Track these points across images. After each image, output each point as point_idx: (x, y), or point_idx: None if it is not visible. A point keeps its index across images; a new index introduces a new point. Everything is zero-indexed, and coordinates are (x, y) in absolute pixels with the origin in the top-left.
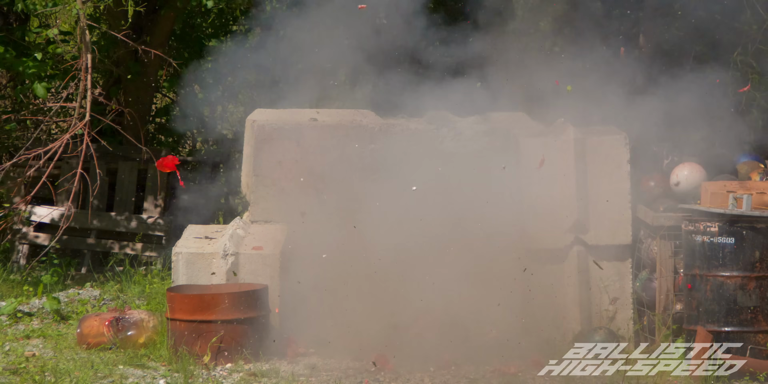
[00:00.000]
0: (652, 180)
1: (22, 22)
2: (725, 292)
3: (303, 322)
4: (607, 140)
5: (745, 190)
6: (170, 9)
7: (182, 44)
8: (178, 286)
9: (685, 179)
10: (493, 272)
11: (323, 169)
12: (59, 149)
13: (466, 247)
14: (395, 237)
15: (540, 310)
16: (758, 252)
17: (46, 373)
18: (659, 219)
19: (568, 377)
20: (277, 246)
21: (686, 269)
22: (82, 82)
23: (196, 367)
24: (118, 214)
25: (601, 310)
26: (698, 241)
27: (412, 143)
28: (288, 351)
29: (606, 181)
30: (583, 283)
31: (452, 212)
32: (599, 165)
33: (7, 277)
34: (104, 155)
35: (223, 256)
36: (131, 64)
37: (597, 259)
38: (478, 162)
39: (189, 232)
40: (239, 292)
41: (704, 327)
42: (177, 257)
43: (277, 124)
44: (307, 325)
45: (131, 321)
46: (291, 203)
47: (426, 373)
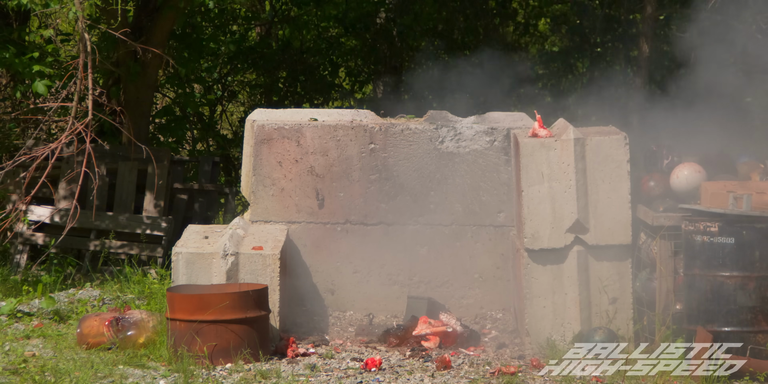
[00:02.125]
0: (652, 180)
1: (22, 22)
2: (725, 292)
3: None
4: (607, 140)
5: (745, 190)
6: (170, 9)
7: (182, 44)
8: (178, 286)
9: (685, 179)
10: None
11: (323, 169)
12: (59, 149)
13: (465, 247)
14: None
15: (540, 309)
16: (758, 252)
17: (46, 373)
18: (659, 219)
19: (568, 377)
20: (277, 246)
21: (686, 269)
22: (80, 82)
23: (196, 367)
24: (117, 214)
25: (601, 310)
26: (698, 241)
27: (412, 143)
28: (288, 351)
29: (606, 181)
30: (583, 283)
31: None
32: (599, 165)
33: (6, 277)
34: (104, 155)
35: (223, 256)
36: (131, 64)
37: (597, 259)
38: (477, 161)
39: (189, 232)
40: (239, 292)
41: (704, 327)
42: (177, 257)
43: (277, 124)
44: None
45: (131, 321)
46: (291, 203)
47: (426, 372)
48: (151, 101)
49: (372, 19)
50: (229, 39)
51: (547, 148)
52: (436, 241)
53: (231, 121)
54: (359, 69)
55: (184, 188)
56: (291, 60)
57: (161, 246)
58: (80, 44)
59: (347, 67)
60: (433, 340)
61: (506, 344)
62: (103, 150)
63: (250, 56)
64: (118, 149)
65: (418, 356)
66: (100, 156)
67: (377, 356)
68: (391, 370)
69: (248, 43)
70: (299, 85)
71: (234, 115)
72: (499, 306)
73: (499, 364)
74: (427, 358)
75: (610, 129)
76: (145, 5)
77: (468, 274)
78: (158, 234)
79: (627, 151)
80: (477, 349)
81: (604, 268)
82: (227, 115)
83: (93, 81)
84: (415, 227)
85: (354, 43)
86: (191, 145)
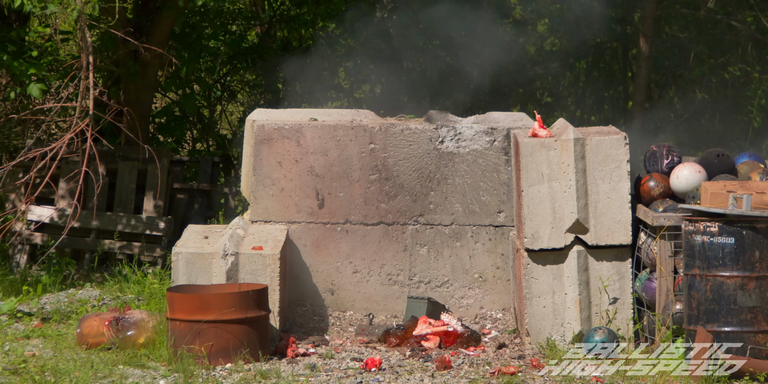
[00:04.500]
0: (652, 180)
1: (22, 22)
2: (725, 292)
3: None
4: (606, 140)
5: (745, 190)
6: (170, 9)
7: (182, 44)
8: (177, 286)
9: (685, 179)
10: (492, 272)
11: (323, 169)
12: (61, 149)
13: (465, 247)
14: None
15: (540, 309)
16: (758, 252)
17: (46, 373)
18: (659, 219)
19: (568, 377)
20: (277, 246)
21: (686, 269)
22: (83, 82)
23: (196, 367)
24: (117, 214)
25: (601, 310)
26: (698, 241)
27: (412, 143)
28: (288, 351)
29: (606, 181)
30: (583, 283)
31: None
32: (599, 165)
33: (6, 277)
34: (104, 155)
35: (223, 256)
36: (131, 64)
37: (597, 259)
38: (477, 161)
39: (189, 232)
40: (239, 292)
41: (704, 327)
42: (177, 257)
43: (277, 124)
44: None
45: (131, 321)
46: (291, 203)
47: (426, 372)
48: (151, 101)
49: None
50: (229, 39)
51: (547, 148)
52: (436, 241)
53: (231, 121)
54: (358, 68)
55: (184, 188)
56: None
57: (161, 246)
58: (82, 43)
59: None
60: (433, 340)
61: (506, 344)
62: (103, 150)
63: (250, 56)
64: (118, 149)
65: (418, 356)
66: (100, 156)
67: (377, 356)
68: (391, 370)
69: (247, 43)
70: (299, 85)
71: (234, 115)
72: (499, 306)
73: (499, 364)
74: (427, 358)
75: (610, 129)
76: (145, 5)
77: (468, 274)
78: (158, 234)
79: (627, 151)
80: (477, 349)
81: (604, 268)
82: (227, 115)
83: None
84: (415, 227)
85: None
86: (191, 145)
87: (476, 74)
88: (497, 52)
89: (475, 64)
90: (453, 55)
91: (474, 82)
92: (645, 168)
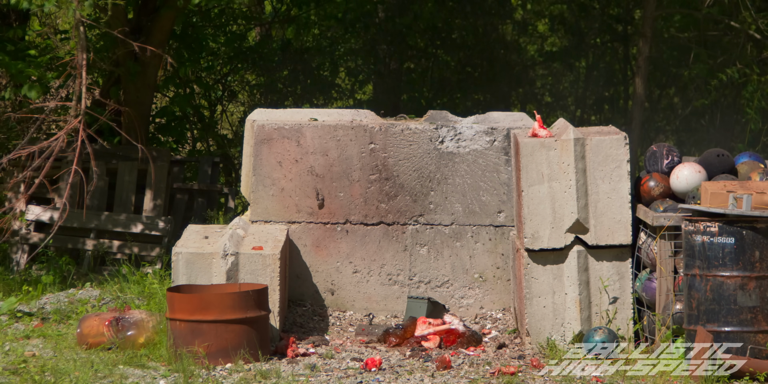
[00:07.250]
0: (652, 180)
1: (22, 22)
2: (725, 292)
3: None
4: (606, 140)
5: (745, 190)
6: (169, 9)
7: (182, 44)
8: (177, 286)
9: (685, 179)
10: (492, 272)
11: (323, 169)
12: (56, 147)
13: (465, 247)
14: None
15: (540, 309)
16: (758, 252)
17: (46, 373)
18: (659, 219)
19: (568, 377)
20: (277, 246)
21: (686, 269)
22: (78, 80)
23: (196, 367)
24: (117, 214)
25: (601, 310)
26: (698, 241)
27: (412, 143)
28: (288, 351)
29: (606, 181)
30: (583, 283)
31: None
32: (599, 165)
33: (6, 277)
34: (104, 155)
35: (223, 256)
36: (131, 64)
37: (597, 259)
38: (477, 161)
39: (189, 231)
40: (239, 292)
41: (704, 327)
42: (177, 257)
43: (277, 124)
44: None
45: (131, 321)
46: (291, 203)
47: (426, 372)
48: (150, 101)
49: (372, 19)
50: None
51: (547, 148)
52: (436, 241)
53: (231, 121)
54: (359, 69)
55: (184, 188)
56: (291, 60)
57: (161, 246)
58: (77, 41)
59: (347, 67)
60: (433, 340)
61: (506, 344)
62: (103, 150)
63: (250, 56)
64: (118, 149)
65: (418, 356)
66: (100, 156)
67: (377, 356)
68: (391, 370)
69: (248, 43)
70: (299, 85)
71: (234, 115)
72: (499, 306)
73: (499, 364)
74: (427, 358)
75: (610, 129)
76: (145, 5)
77: (468, 274)
78: (158, 234)
79: (627, 151)
80: (477, 349)
81: (604, 268)
82: (227, 115)
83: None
84: (415, 227)
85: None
86: (191, 145)
87: (476, 74)
88: (497, 51)
89: (475, 64)
90: (453, 55)
91: (474, 82)
92: (645, 168)
